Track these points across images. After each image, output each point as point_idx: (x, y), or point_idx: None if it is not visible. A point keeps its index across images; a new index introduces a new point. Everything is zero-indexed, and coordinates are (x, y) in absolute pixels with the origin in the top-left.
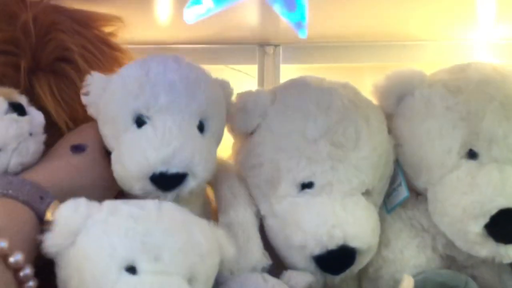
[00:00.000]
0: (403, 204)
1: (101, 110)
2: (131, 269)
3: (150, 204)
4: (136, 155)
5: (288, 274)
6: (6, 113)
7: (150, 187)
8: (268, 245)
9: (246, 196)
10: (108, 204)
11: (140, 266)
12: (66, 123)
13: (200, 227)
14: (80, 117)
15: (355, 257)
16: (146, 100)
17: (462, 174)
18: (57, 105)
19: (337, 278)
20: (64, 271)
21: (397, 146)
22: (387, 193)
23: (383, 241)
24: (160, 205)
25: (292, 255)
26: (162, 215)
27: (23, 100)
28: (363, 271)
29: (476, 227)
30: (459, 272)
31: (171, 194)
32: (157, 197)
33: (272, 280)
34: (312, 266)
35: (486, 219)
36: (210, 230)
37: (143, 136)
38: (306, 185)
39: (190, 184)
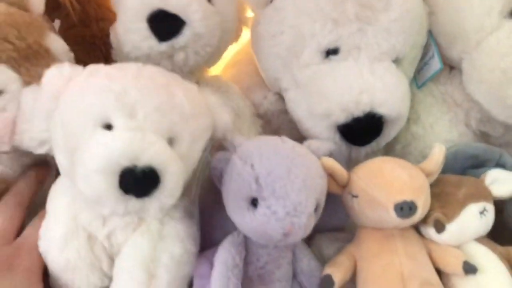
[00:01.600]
0: (435, 79)
1: None
2: (108, 127)
3: (131, 66)
4: None
5: (308, 142)
6: None
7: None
8: None
9: (250, 115)
10: (91, 67)
11: (115, 122)
12: (71, 2)
13: (185, 89)
14: None
15: (382, 126)
16: None
17: (502, 35)
18: None
19: (362, 151)
20: (54, 131)
21: (431, 14)
22: (418, 68)
23: (412, 117)
24: (141, 67)
25: (316, 125)
26: (141, 75)
27: None
28: (390, 148)
29: None
30: None
31: (166, 45)
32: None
33: (291, 141)
34: (337, 136)
35: None
36: (197, 94)
37: None
38: (332, 51)
39: (186, 33)
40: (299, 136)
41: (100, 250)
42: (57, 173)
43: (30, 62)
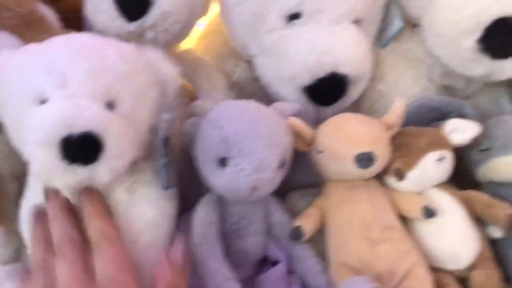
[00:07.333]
0: (398, 37)
1: None
2: (44, 101)
3: (61, 37)
4: None
5: (276, 104)
6: None
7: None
8: None
9: (224, 88)
10: (24, 47)
11: (49, 95)
12: None
13: (120, 49)
14: None
15: (345, 85)
16: None
17: None
18: None
19: (329, 110)
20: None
21: None
22: (381, 27)
23: (377, 75)
24: (72, 36)
25: (284, 89)
26: (70, 43)
27: None
28: (358, 106)
29: (470, 41)
30: None
31: (134, 25)
32: None
33: (256, 103)
34: (304, 98)
35: (480, 32)
36: (134, 52)
37: None
38: (294, 16)
39: (155, 12)
40: (272, 101)
41: None
42: None
43: (33, 29)
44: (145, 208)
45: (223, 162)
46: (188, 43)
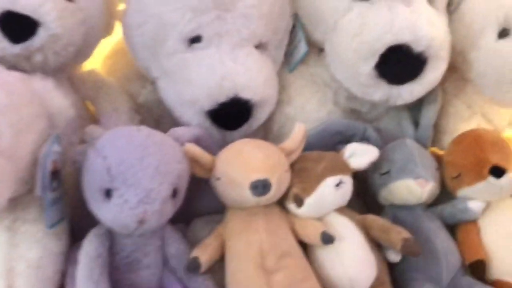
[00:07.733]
0: (305, 62)
1: None
2: None
3: None
4: None
5: (172, 129)
6: None
7: None
8: None
9: (127, 110)
10: None
11: None
12: None
13: (2, 80)
14: None
15: (249, 109)
16: None
17: (353, 16)
18: None
19: (235, 134)
20: None
21: None
22: (288, 51)
23: (285, 99)
24: None
25: (185, 112)
26: None
27: None
28: (267, 129)
29: (367, 68)
30: None
31: (20, 47)
32: None
33: (147, 130)
34: (207, 122)
35: (375, 59)
36: (19, 83)
37: None
38: (194, 40)
39: (42, 34)
40: (180, 124)
41: None
42: None
43: None
44: (28, 248)
45: (108, 193)
46: (94, 63)
